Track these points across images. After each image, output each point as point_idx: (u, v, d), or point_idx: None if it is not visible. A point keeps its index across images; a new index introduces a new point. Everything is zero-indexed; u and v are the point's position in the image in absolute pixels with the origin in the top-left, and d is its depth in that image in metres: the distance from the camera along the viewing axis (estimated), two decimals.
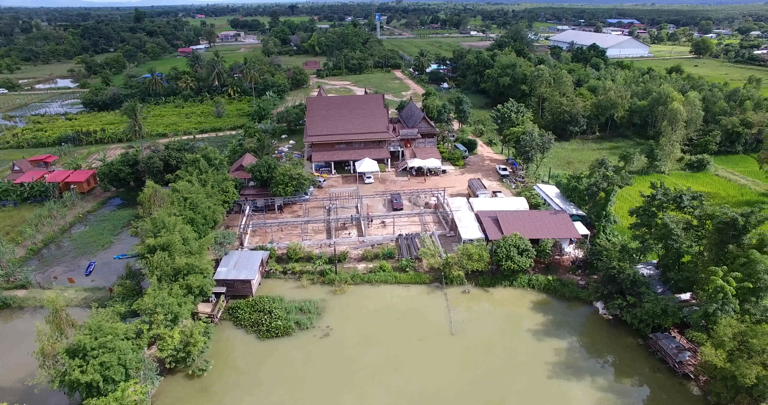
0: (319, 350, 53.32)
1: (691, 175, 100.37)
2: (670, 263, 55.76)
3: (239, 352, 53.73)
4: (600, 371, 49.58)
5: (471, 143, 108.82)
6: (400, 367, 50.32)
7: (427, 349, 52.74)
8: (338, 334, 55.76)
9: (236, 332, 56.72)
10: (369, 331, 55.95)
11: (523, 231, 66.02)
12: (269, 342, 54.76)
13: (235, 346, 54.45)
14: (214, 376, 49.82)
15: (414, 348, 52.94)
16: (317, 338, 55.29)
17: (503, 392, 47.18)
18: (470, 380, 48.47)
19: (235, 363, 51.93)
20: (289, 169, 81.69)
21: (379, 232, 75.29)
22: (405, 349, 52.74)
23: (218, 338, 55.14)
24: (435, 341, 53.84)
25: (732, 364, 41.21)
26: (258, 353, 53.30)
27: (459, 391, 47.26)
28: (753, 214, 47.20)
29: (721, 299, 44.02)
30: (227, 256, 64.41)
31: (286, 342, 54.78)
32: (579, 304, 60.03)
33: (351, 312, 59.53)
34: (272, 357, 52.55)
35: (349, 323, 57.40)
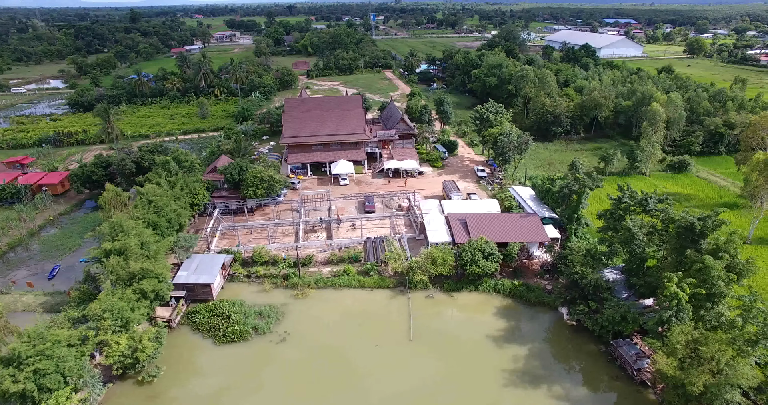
0: (273, 356, 52.48)
1: (672, 176, 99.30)
2: (634, 268, 54.77)
3: (193, 357, 52.93)
4: (557, 379, 48.59)
5: (451, 144, 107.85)
6: (352, 375, 49.44)
7: (383, 355, 51.83)
8: (295, 339, 54.89)
9: (193, 337, 55.89)
10: (326, 336, 55.08)
11: (491, 234, 65.12)
12: (225, 347, 53.91)
13: (189, 352, 53.63)
14: (165, 382, 48.99)
15: (369, 354, 52.03)
16: (273, 344, 54.43)
17: (454, 401, 46.19)
18: (421, 388, 47.53)
19: (187, 369, 51.12)
20: (259, 172, 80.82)
21: (349, 235, 74.42)
22: (360, 356, 51.84)
23: (174, 343, 54.31)
24: (391, 348, 52.92)
25: (682, 372, 40.25)
26: (212, 359, 52.47)
27: (408, 400, 46.29)
28: (709, 219, 46.19)
29: (675, 306, 43.03)
30: (189, 260, 63.58)
31: (242, 347, 53.93)
32: (544, 310, 59.03)
33: (311, 317, 58.66)
34: (226, 363, 51.70)
35: (307, 328, 56.52)
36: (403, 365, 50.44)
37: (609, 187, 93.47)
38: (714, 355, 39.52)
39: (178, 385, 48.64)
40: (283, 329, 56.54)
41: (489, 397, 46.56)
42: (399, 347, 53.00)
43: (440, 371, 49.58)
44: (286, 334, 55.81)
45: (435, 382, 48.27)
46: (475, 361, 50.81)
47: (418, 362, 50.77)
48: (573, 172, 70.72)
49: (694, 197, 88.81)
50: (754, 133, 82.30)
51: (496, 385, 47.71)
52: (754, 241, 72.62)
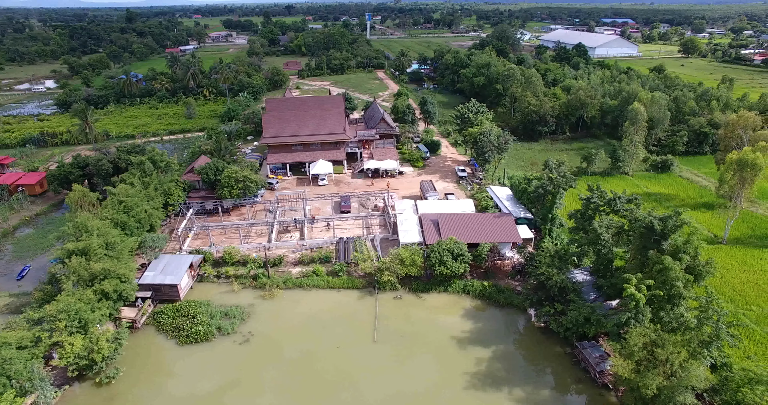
0: (235, 357, 51.98)
1: (654, 176, 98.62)
2: (601, 269, 54.16)
3: (155, 358, 52.45)
4: (520, 382, 47.95)
5: (434, 144, 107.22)
6: (310, 376, 48.89)
7: (343, 357, 51.27)
8: (258, 340, 54.43)
9: (157, 338, 55.43)
10: (289, 337, 54.60)
11: (463, 235, 64.56)
12: (187, 348, 53.44)
13: (151, 352, 53.15)
14: (124, 383, 48.51)
15: (330, 356, 51.47)
16: (236, 344, 53.96)
17: (411, 404, 45.63)
18: (377, 391, 46.99)
19: (147, 370, 50.61)
20: (235, 172, 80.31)
21: (323, 236, 73.88)
22: (320, 358, 51.30)
23: (137, 344, 53.89)
24: (354, 349, 52.39)
25: (637, 375, 39.65)
26: (174, 359, 52.03)
27: (362, 402, 45.72)
28: (670, 219, 45.56)
29: (633, 308, 42.42)
30: (157, 260, 63.15)
31: (205, 348, 53.46)
32: (513, 311, 58.40)
33: (276, 317, 58.18)
34: (187, 364, 51.25)
35: (272, 329, 56.06)
36: (363, 367, 49.92)
37: (574, 188, 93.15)
38: (668, 358, 38.92)
39: (136, 386, 48.13)
40: (248, 330, 56.11)
41: (447, 400, 45.98)
42: (361, 349, 52.46)
43: (400, 374, 48.98)
44: (250, 334, 55.37)
45: (393, 384, 47.69)
46: (437, 364, 50.21)
47: (378, 364, 50.23)
48: (547, 172, 69.95)
49: (675, 197, 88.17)
50: (732, 132, 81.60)
51: (456, 388, 47.11)
52: (729, 241, 71.94)
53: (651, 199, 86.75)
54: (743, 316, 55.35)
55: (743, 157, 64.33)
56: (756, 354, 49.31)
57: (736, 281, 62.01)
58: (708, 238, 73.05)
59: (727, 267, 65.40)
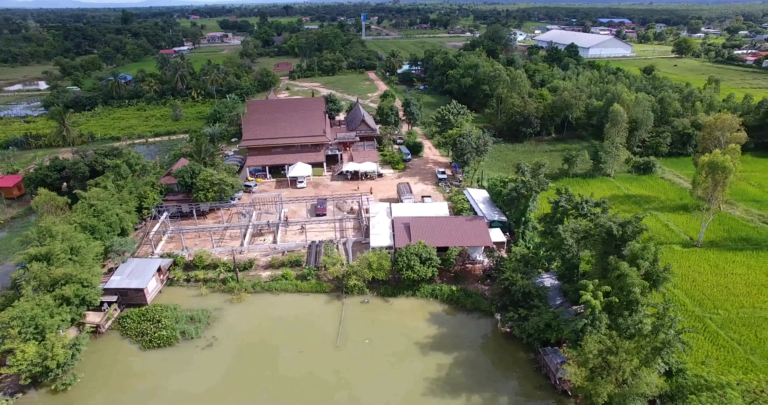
0: (196, 362, 51.68)
1: (636, 177, 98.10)
2: (567, 273, 53.72)
3: (116, 363, 52.02)
4: (479, 388, 47.54)
5: (416, 146, 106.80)
6: (271, 382, 48.53)
7: (304, 362, 50.93)
8: (221, 344, 54.14)
9: (121, 343, 55.09)
10: (253, 342, 54.29)
11: (433, 238, 64.18)
12: (150, 352, 53.16)
13: (113, 358, 52.75)
14: (81, 389, 48.19)
15: (291, 361, 51.16)
16: (199, 349, 53.67)
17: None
18: (334, 396, 46.62)
19: (106, 375, 50.22)
20: (210, 175, 79.98)
21: (296, 239, 73.52)
22: (281, 362, 51.00)
23: (99, 349, 53.58)
24: (315, 354, 52.04)
25: (590, 382, 39.25)
26: (134, 364, 51.68)
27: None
28: (629, 224, 45.12)
29: (590, 314, 42.00)
30: (124, 264, 62.83)
31: (167, 352, 53.17)
32: (480, 316, 57.95)
33: (242, 322, 57.87)
34: (147, 368, 50.95)
35: (236, 334, 55.74)
36: (323, 372, 49.53)
37: (572, 190, 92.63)
38: (621, 365, 38.51)
39: (93, 393, 47.81)
40: (212, 334, 55.84)
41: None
42: (323, 354, 52.10)
43: (359, 379, 48.63)
44: (213, 339, 55.09)
45: (351, 389, 47.32)
46: (398, 369, 49.83)
47: (337, 370, 49.84)
48: (519, 175, 69.55)
49: (655, 199, 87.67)
50: (710, 134, 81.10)
51: (414, 395, 46.72)
52: (705, 244, 71.42)
53: (630, 202, 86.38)
54: (709, 320, 55.00)
55: (713, 160, 63.91)
56: (717, 358, 48.97)
57: (707, 285, 61.56)
58: (683, 241, 72.73)
59: (699, 270, 65.01)
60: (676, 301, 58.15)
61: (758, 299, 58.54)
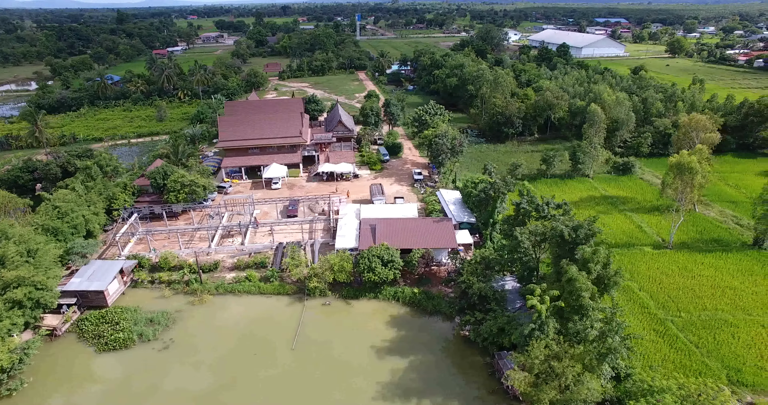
0: (150, 364, 51.26)
1: (615, 178, 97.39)
2: (525, 277, 53.17)
3: (68, 367, 51.54)
4: (431, 392, 46.94)
5: (395, 146, 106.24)
6: (222, 384, 48.06)
7: (256, 364, 50.49)
8: (178, 347, 53.73)
9: (76, 345, 54.66)
10: (209, 344, 53.88)
11: (398, 240, 63.73)
12: (104, 355, 52.75)
13: (66, 361, 52.29)
14: (27, 395, 47.73)
15: (243, 363, 50.70)
16: (155, 351, 53.26)
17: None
18: (281, 400, 46.16)
19: (57, 379, 49.73)
20: (181, 176, 79.60)
21: (265, 241, 73.09)
22: (235, 365, 50.53)
23: (53, 352, 53.18)
24: (269, 356, 51.59)
25: (534, 389, 38.74)
26: (88, 368, 51.22)
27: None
28: (581, 228, 44.55)
29: (536, 319, 41.46)
30: (86, 267, 62.46)
31: (123, 355, 52.77)
32: (440, 319, 57.37)
33: (201, 324, 57.45)
34: (100, 372, 50.53)
35: (194, 336, 55.34)
36: (274, 375, 49.09)
37: (548, 190, 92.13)
38: (565, 371, 37.98)
39: (40, 397, 47.35)
40: (170, 336, 55.41)
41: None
42: (277, 356, 51.66)
43: (309, 382, 48.12)
44: (171, 341, 54.69)
45: (299, 393, 46.82)
46: (350, 373, 49.32)
47: (289, 372, 49.39)
48: (486, 176, 69.00)
49: (632, 200, 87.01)
50: (686, 134, 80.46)
51: (364, 399, 46.21)
52: (676, 245, 70.80)
53: (606, 203, 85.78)
54: (671, 323, 54.41)
55: (680, 161, 63.32)
56: (674, 362, 48.42)
57: (673, 287, 60.95)
58: (655, 243, 72.13)
59: (667, 272, 64.39)
60: (640, 304, 57.74)
61: (721, 301, 57.97)
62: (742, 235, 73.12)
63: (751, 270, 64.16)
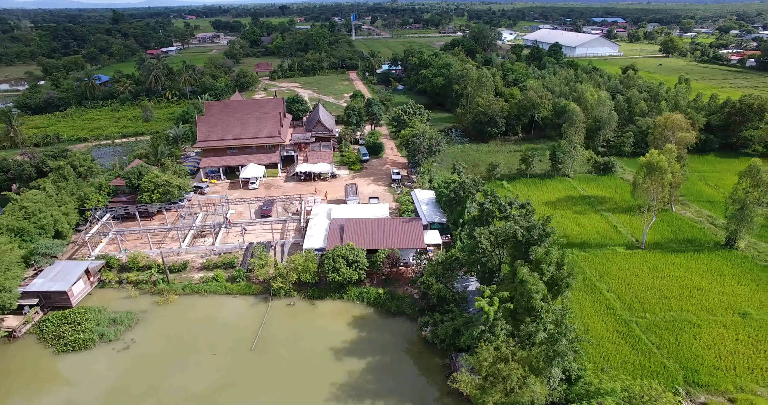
0: (109, 365, 51.02)
1: (595, 178, 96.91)
2: (486, 278, 52.74)
3: (23, 368, 51.19)
4: (385, 394, 46.55)
5: (377, 146, 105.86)
6: (175, 384, 47.80)
7: (215, 364, 50.23)
8: (138, 347, 53.53)
9: (35, 347, 54.35)
10: (170, 344, 53.68)
11: (366, 240, 63.41)
12: (63, 357, 52.47)
13: (21, 363, 51.95)
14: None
15: (204, 363, 50.46)
16: (115, 352, 53.01)
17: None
18: (232, 400, 45.88)
19: (9, 381, 49.25)
20: (155, 176, 79.34)
21: (236, 241, 72.79)
22: (193, 365, 50.31)
23: (9, 354, 52.93)
24: (228, 357, 51.33)
25: (480, 391, 38.36)
26: (43, 369, 50.93)
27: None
28: (534, 228, 44.13)
29: (485, 321, 41.06)
30: (50, 267, 62.23)
31: (81, 356, 52.50)
32: (403, 320, 56.96)
33: (165, 324, 57.21)
34: (55, 374, 50.30)
35: (156, 336, 55.11)
36: (229, 375, 48.78)
37: (526, 190, 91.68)
38: (510, 374, 37.59)
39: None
40: (132, 337, 55.17)
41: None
42: (236, 356, 51.39)
43: (263, 383, 47.80)
44: (132, 341, 54.45)
45: (250, 394, 46.51)
46: (306, 374, 48.96)
47: (246, 373, 49.08)
48: (455, 175, 68.63)
49: (610, 200, 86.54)
50: (661, 134, 79.99)
51: (316, 401, 45.85)
52: (649, 245, 70.35)
53: (584, 202, 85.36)
54: (635, 325, 53.95)
55: (650, 160, 62.88)
56: (633, 363, 47.98)
57: (641, 288, 60.47)
58: (628, 243, 71.67)
59: (637, 273, 63.93)
60: (606, 305, 57.26)
61: (688, 302, 57.51)
62: (715, 235, 72.65)
63: (721, 270, 63.71)
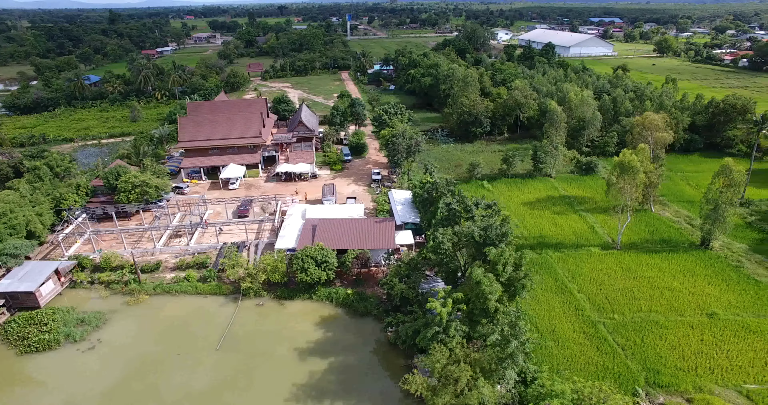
0: (72, 365, 50.90)
1: (578, 178, 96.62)
2: (449, 278, 52.51)
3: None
4: (345, 395, 46.33)
5: (360, 146, 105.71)
6: (137, 384, 47.67)
7: (177, 364, 50.19)
8: (104, 347, 53.45)
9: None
10: (136, 343, 53.66)
11: (337, 240, 63.27)
12: (25, 358, 52.30)
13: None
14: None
15: (168, 363, 50.40)
16: (79, 352, 52.88)
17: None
18: (190, 399, 45.76)
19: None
20: (132, 177, 79.22)
21: (212, 241, 72.65)
22: (156, 364, 50.24)
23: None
24: (192, 356, 51.25)
25: (432, 393, 38.17)
26: (2, 371, 50.67)
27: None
28: (491, 229, 43.89)
29: (437, 323, 40.84)
30: (19, 267, 62.12)
31: (44, 357, 52.37)
32: (370, 321, 56.77)
33: (133, 324, 57.15)
34: (15, 375, 50.08)
35: (122, 336, 55.04)
36: (190, 375, 48.68)
37: (507, 191, 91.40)
38: (460, 377, 37.39)
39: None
40: (99, 337, 55.06)
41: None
42: (200, 356, 51.29)
43: (225, 383, 47.65)
44: (98, 341, 54.38)
45: (210, 393, 46.38)
46: (268, 374, 48.84)
47: (207, 373, 48.96)
48: (427, 176, 68.44)
49: (590, 200, 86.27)
50: (639, 134, 79.73)
51: (276, 400, 45.70)
52: (625, 246, 70.09)
53: (564, 203, 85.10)
54: (602, 326, 53.72)
55: (622, 160, 62.66)
56: (596, 365, 47.74)
57: (612, 289, 60.20)
58: (604, 243, 71.42)
59: (609, 273, 63.69)
60: (575, 306, 56.94)
61: (658, 303, 57.25)
62: (691, 235, 72.39)
63: (693, 271, 63.45)
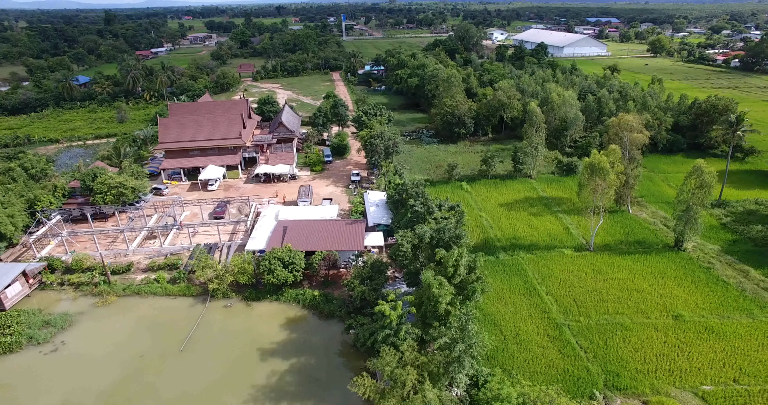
0: (32, 368, 50.72)
1: (558, 179, 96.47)
2: (411, 281, 52.41)
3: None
4: (304, 396, 46.18)
5: (342, 147, 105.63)
6: (96, 386, 47.59)
7: (138, 366, 50.04)
8: (66, 349, 53.34)
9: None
10: (99, 345, 53.55)
11: (307, 242, 63.22)
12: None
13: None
14: None
15: (130, 364, 50.26)
16: (41, 355, 52.76)
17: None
18: (149, 401, 45.75)
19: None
20: (108, 178, 79.22)
21: (186, 242, 72.63)
22: (118, 365, 50.09)
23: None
24: (155, 358, 51.16)
25: (380, 396, 38.07)
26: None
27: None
28: (444, 231, 43.75)
29: (386, 325, 40.72)
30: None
31: (5, 360, 52.23)
32: (336, 323, 56.67)
33: (99, 325, 57.07)
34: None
35: (87, 337, 54.96)
36: (152, 376, 48.61)
37: (485, 192, 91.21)
38: (405, 381, 37.27)
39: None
40: (62, 339, 54.99)
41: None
42: (163, 358, 51.20)
43: (185, 384, 47.56)
44: (61, 343, 54.27)
45: (169, 395, 46.30)
46: (229, 375, 48.71)
47: (169, 374, 48.92)
48: (395, 178, 68.33)
49: (568, 201, 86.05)
50: (615, 134, 79.52)
51: (235, 402, 45.62)
52: (598, 247, 69.92)
53: (541, 204, 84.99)
54: (567, 328, 53.58)
55: (591, 161, 62.51)
56: (557, 367, 47.55)
57: (581, 291, 59.98)
58: (578, 245, 71.24)
59: (580, 275, 63.51)
60: (542, 309, 56.76)
61: (626, 305, 57.06)
62: (666, 236, 72.22)
63: (664, 272, 63.28)
